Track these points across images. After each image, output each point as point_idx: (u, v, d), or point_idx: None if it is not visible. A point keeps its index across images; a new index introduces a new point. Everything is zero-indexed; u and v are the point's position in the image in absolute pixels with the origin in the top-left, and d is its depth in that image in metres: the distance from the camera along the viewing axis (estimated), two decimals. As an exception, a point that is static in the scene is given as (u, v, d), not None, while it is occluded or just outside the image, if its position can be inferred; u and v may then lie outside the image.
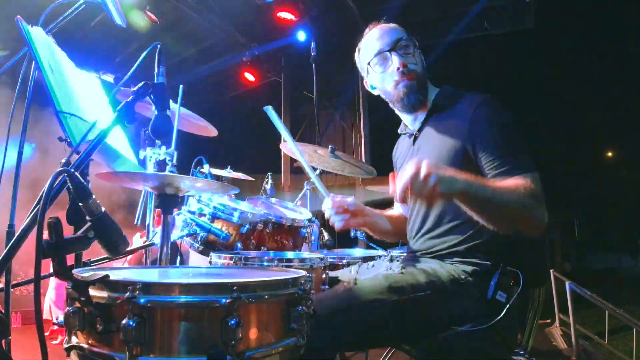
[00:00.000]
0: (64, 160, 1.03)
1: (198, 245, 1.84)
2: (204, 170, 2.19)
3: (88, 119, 1.47)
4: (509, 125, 1.38)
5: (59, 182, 0.87)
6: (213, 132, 2.61)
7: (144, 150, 2.07)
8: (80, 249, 0.87)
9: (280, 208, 2.38)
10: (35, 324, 0.83)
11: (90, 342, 0.83)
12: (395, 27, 1.60)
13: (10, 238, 1.36)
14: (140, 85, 1.12)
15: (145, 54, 1.19)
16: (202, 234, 1.82)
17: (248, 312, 0.85)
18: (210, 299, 0.81)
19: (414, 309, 1.31)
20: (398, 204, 1.91)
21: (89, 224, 0.87)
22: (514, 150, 1.33)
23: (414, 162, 1.14)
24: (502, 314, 1.28)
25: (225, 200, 1.94)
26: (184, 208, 1.91)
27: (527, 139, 1.40)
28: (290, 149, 1.83)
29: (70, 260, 0.92)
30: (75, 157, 1.00)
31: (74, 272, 0.85)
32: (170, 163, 1.84)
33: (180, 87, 2.25)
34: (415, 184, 1.13)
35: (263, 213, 1.86)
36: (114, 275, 0.84)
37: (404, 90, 1.52)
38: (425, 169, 1.12)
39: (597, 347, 4.42)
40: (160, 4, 5.50)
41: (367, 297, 1.30)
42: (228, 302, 0.81)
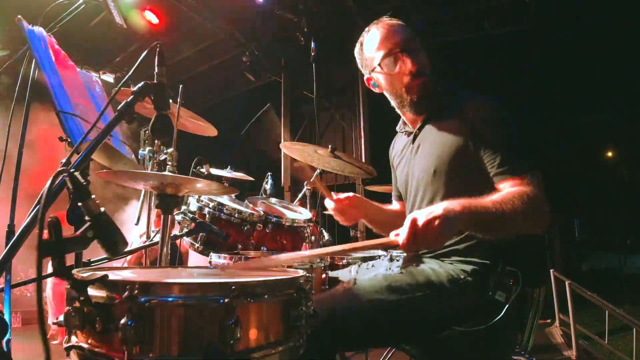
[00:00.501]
0: (64, 160, 1.03)
1: (198, 245, 1.84)
2: (204, 170, 2.19)
3: (89, 119, 1.47)
4: (511, 125, 1.38)
5: (59, 182, 0.87)
6: (213, 132, 2.61)
7: (144, 150, 2.08)
8: (80, 249, 0.87)
9: (280, 208, 2.38)
10: (38, 324, 0.83)
11: (90, 341, 0.83)
12: (403, 25, 1.55)
13: (10, 238, 1.37)
14: (140, 85, 1.12)
15: (145, 54, 1.19)
16: (202, 234, 1.82)
17: (247, 312, 0.85)
18: (209, 299, 0.82)
19: (414, 309, 1.31)
20: (396, 204, 1.91)
21: (88, 224, 0.87)
22: (516, 150, 1.33)
23: (410, 218, 1.12)
24: (501, 314, 1.28)
25: (225, 200, 1.94)
26: (184, 208, 1.92)
27: (528, 138, 1.40)
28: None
29: (71, 260, 0.92)
30: (76, 156, 1.00)
31: (74, 271, 0.85)
32: (170, 163, 1.84)
33: (180, 87, 2.25)
34: (418, 237, 1.10)
35: (263, 213, 1.86)
36: (113, 275, 0.84)
37: (417, 94, 1.49)
38: (423, 219, 1.10)
39: (597, 347, 4.41)
40: (160, 4, 5.50)
41: (366, 297, 1.30)
42: (227, 301, 0.81)
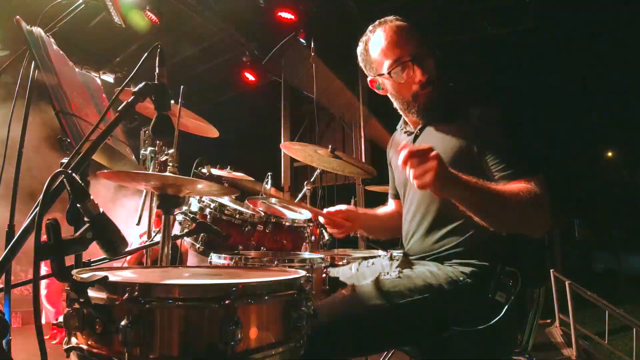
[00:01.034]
0: (65, 161, 1.03)
1: (198, 246, 1.84)
2: (205, 171, 2.19)
3: (88, 119, 1.47)
4: (515, 127, 1.37)
5: (57, 183, 0.87)
6: (214, 132, 2.60)
7: (145, 151, 2.08)
8: (79, 250, 0.87)
9: (280, 208, 2.38)
10: (35, 325, 0.83)
11: (90, 343, 0.83)
12: (411, 28, 1.52)
13: (10, 238, 1.36)
14: (141, 86, 1.11)
15: (147, 55, 1.19)
16: (202, 235, 1.82)
17: (247, 313, 0.85)
18: (210, 300, 0.81)
19: (413, 313, 1.31)
20: (392, 202, 1.90)
21: (87, 225, 0.87)
22: (520, 153, 1.32)
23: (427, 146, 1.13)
24: (501, 314, 1.28)
25: (226, 201, 1.94)
26: (185, 208, 1.91)
27: (532, 141, 1.39)
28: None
29: (70, 261, 0.92)
30: (76, 157, 0.99)
31: (73, 273, 0.85)
32: (171, 164, 1.84)
33: (182, 87, 2.25)
34: (416, 158, 1.12)
35: (263, 213, 1.86)
36: (113, 277, 0.84)
37: (424, 102, 1.48)
38: (434, 153, 1.12)
39: (597, 347, 4.41)
40: (160, 4, 5.50)
41: (366, 303, 1.30)
42: (227, 303, 0.80)
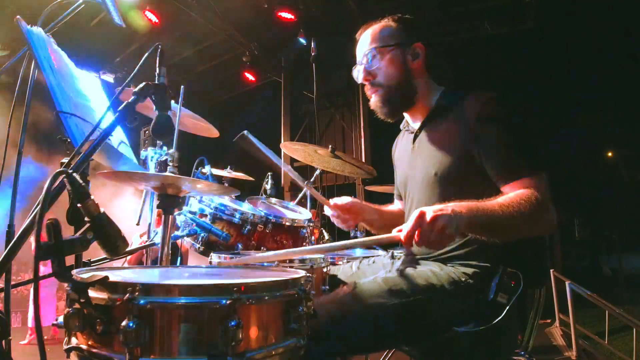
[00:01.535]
0: (65, 161, 1.03)
1: (199, 246, 1.84)
2: (205, 171, 2.19)
3: (88, 119, 1.47)
4: (515, 125, 1.35)
5: (58, 183, 0.87)
6: (214, 132, 2.60)
7: (145, 151, 2.08)
8: (80, 250, 0.87)
9: (280, 208, 2.38)
10: (35, 325, 0.83)
11: (90, 343, 0.83)
12: (370, 32, 1.56)
13: (10, 238, 1.37)
14: (141, 86, 1.11)
15: (147, 55, 1.19)
16: (203, 235, 1.82)
17: (248, 313, 0.85)
18: (210, 300, 0.81)
19: (414, 312, 1.31)
20: (398, 203, 1.90)
21: (88, 225, 0.87)
22: (519, 152, 1.31)
23: (418, 211, 1.11)
24: (502, 315, 1.28)
25: (226, 201, 1.94)
26: (185, 208, 1.91)
27: (533, 138, 1.37)
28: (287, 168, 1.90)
29: (70, 261, 0.92)
30: (77, 157, 0.99)
31: (74, 273, 0.85)
32: (172, 164, 1.84)
33: (182, 87, 2.25)
34: (422, 232, 1.09)
35: (263, 213, 1.86)
36: (114, 277, 0.84)
37: (374, 104, 1.55)
38: (431, 214, 1.09)
39: (597, 347, 4.42)
40: (160, 4, 5.51)
41: (367, 301, 1.30)
42: (228, 303, 0.80)
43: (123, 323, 0.76)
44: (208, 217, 1.84)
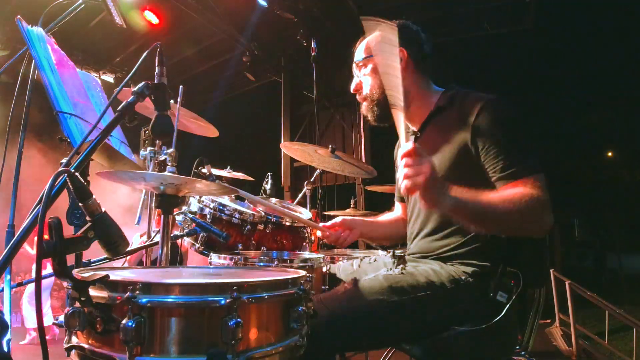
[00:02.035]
0: (65, 161, 1.03)
1: (199, 246, 1.84)
2: (205, 171, 2.19)
3: (88, 119, 1.47)
4: (514, 126, 1.35)
5: (59, 182, 0.87)
6: (214, 132, 2.60)
7: (145, 151, 2.07)
8: (81, 249, 0.87)
9: (280, 208, 2.37)
10: (37, 325, 0.83)
11: (91, 342, 0.83)
12: (362, 45, 1.63)
13: (10, 238, 1.37)
14: (141, 86, 1.11)
15: (146, 55, 1.19)
16: (202, 235, 1.82)
17: (248, 312, 0.85)
18: (210, 299, 0.82)
19: (415, 310, 1.31)
20: (398, 205, 1.90)
21: (89, 224, 0.87)
22: (518, 152, 1.31)
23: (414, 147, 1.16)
24: (502, 314, 1.28)
25: (226, 201, 1.94)
26: (185, 208, 1.91)
27: (532, 139, 1.37)
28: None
29: (71, 261, 0.92)
30: (76, 157, 1.00)
31: (74, 272, 0.85)
32: (171, 163, 1.84)
33: (181, 87, 2.25)
34: (411, 164, 1.15)
35: (263, 213, 1.86)
36: (114, 276, 0.84)
37: (363, 112, 1.63)
38: (430, 163, 1.14)
39: (597, 347, 4.42)
40: (160, 4, 5.50)
41: (367, 298, 1.30)
42: (228, 302, 0.81)
43: (123, 322, 0.76)
44: (208, 216, 1.84)
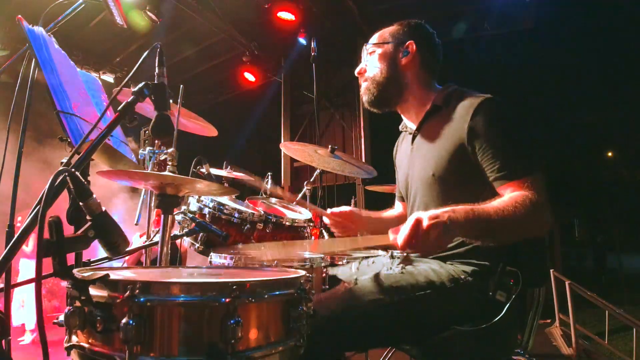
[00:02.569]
0: (65, 160, 1.03)
1: (198, 245, 1.84)
2: (204, 170, 2.19)
3: (88, 119, 1.47)
4: (511, 126, 1.35)
5: (60, 181, 0.87)
6: (213, 132, 2.61)
7: (145, 150, 2.08)
8: (81, 249, 0.88)
9: (280, 208, 2.38)
10: (37, 324, 0.83)
11: (91, 341, 0.83)
12: (377, 34, 1.65)
13: (10, 238, 1.37)
14: (141, 86, 1.12)
15: (146, 55, 1.19)
16: (202, 234, 1.82)
17: (248, 311, 0.85)
18: (210, 299, 0.82)
19: (414, 309, 1.31)
20: (399, 204, 1.91)
21: (89, 224, 0.87)
22: (514, 153, 1.31)
23: (413, 218, 1.12)
24: (502, 314, 1.28)
25: (225, 200, 1.94)
26: (184, 208, 1.91)
27: (529, 139, 1.37)
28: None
29: (71, 260, 0.92)
30: (76, 157, 1.00)
31: (74, 271, 0.85)
32: (171, 163, 1.84)
33: (181, 87, 2.25)
34: (417, 240, 1.11)
35: (263, 213, 1.86)
36: (114, 275, 0.84)
37: (361, 93, 1.64)
38: (427, 222, 1.10)
39: (597, 347, 4.42)
40: (160, 4, 5.51)
41: (367, 297, 1.30)
42: (228, 301, 0.81)
43: (123, 321, 0.76)
44: (207, 216, 1.84)
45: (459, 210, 1.16)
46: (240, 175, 2.05)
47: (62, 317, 0.84)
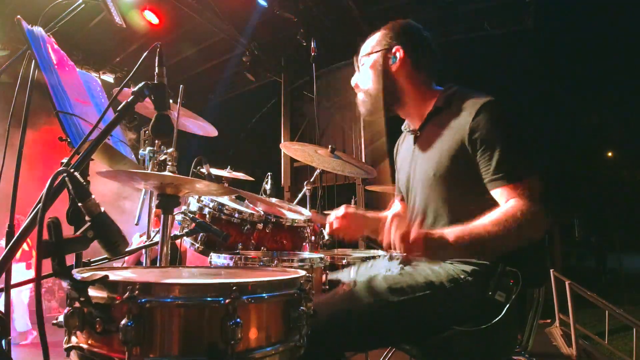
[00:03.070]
0: (65, 160, 1.03)
1: (198, 246, 1.84)
2: (204, 171, 2.19)
3: (88, 119, 1.47)
4: (509, 129, 1.36)
5: (59, 182, 0.87)
6: (213, 132, 2.60)
7: (144, 150, 2.08)
8: (80, 249, 0.87)
9: (280, 208, 2.38)
10: (37, 324, 0.83)
11: (90, 342, 0.83)
12: (365, 43, 1.64)
13: (10, 238, 1.37)
14: (141, 86, 1.11)
15: (146, 55, 1.19)
16: (202, 234, 1.82)
17: (248, 312, 0.85)
18: (210, 299, 0.82)
19: (414, 310, 1.31)
20: (398, 203, 1.90)
21: (89, 224, 0.87)
22: (511, 156, 1.31)
23: (405, 225, 1.19)
24: (501, 314, 1.28)
25: (226, 200, 1.95)
26: (184, 208, 1.91)
27: (528, 143, 1.37)
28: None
29: (70, 262, 0.92)
30: (76, 157, 1.00)
31: (74, 272, 0.85)
32: (171, 163, 1.84)
33: (181, 87, 2.25)
34: (404, 245, 1.18)
35: (263, 213, 1.86)
36: (114, 276, 0.84)
37: (358, 102, 1.64)
38: (414, 235, 1.17)
39: (597, 347, 4.42)
40: (160, 4, 5.50)
41: (367, 298, 1.30)
42: (228, 302, 0.81)
43: (122, 322, 0.76)
44: (207, 216, 1.84)
45: (450, 233, 1.23)
46: (308, 215, 2.09)
47: (61, 317, 0.84)
